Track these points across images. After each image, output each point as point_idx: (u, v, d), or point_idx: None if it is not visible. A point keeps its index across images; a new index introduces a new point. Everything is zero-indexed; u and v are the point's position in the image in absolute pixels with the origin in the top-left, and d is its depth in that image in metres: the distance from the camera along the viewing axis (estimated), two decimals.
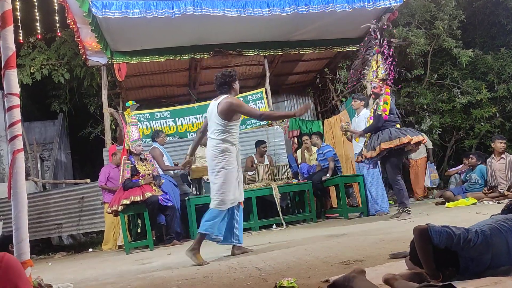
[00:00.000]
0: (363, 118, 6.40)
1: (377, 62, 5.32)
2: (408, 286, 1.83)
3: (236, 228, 3.94)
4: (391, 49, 5.31)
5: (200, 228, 3.75)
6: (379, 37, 5.34)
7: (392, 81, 5.34)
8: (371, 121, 5.30)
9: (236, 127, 3.90)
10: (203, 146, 6.79)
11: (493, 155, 6.50)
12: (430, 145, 8.52)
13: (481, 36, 10.32)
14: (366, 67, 5.47)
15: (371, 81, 5.36)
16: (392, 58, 5.25)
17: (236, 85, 3.95)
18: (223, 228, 3.84)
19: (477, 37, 10.25)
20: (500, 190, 6.22)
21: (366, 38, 5.60)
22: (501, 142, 6.38)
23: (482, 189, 6.52)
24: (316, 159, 7.37)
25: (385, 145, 4.99)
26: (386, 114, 5.14)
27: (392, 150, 5.04)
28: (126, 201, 5.51)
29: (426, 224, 2.00)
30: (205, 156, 6.71)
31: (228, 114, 3.77)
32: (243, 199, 4.02)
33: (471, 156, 6.97)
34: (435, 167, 8.66)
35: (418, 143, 5.08)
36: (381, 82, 5.24)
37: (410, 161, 8.49)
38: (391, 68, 5.24)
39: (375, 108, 5.26)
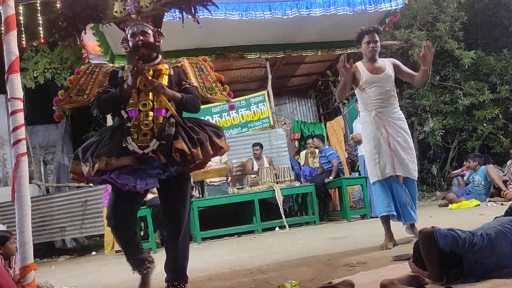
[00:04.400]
0: None
1: None
2: None
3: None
4: None
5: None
6: None
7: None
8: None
9: (365, 93, 3.61)
10: None
11: None
12: None
13: (483, 37, 10.30)
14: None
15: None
16: None
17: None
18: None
19: (479, 39, 10.23)
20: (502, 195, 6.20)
21: None
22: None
23: (485, 190, 6.51)
24: (318, 162, 7.37)
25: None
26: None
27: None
28: None
29: (432, 227, 2.00)
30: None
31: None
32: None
33: (468, 159, 6.96)
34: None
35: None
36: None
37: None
38: None
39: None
